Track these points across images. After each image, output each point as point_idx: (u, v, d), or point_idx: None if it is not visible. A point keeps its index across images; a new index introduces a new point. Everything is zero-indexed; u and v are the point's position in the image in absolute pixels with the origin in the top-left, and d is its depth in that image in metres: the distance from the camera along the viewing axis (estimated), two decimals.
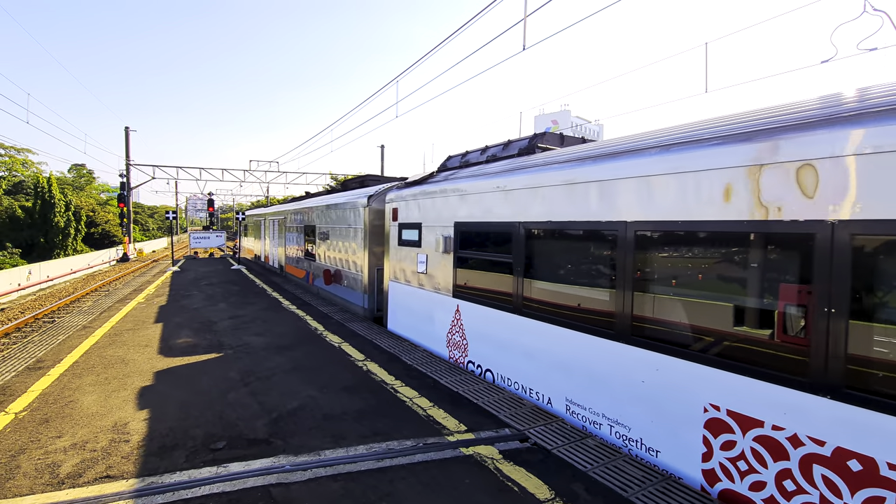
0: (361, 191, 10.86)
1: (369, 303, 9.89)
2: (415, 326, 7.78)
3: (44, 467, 3.76)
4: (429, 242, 7.26)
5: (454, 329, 6.64)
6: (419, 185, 7.73)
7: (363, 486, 3.55)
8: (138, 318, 9.86)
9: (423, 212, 7.43)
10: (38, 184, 38.86)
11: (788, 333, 3.17)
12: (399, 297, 8.30)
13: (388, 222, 8.68)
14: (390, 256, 8.58)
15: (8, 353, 6.97)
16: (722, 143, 3.57)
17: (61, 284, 24.52)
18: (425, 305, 7.36)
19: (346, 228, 10.85)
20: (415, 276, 7.68)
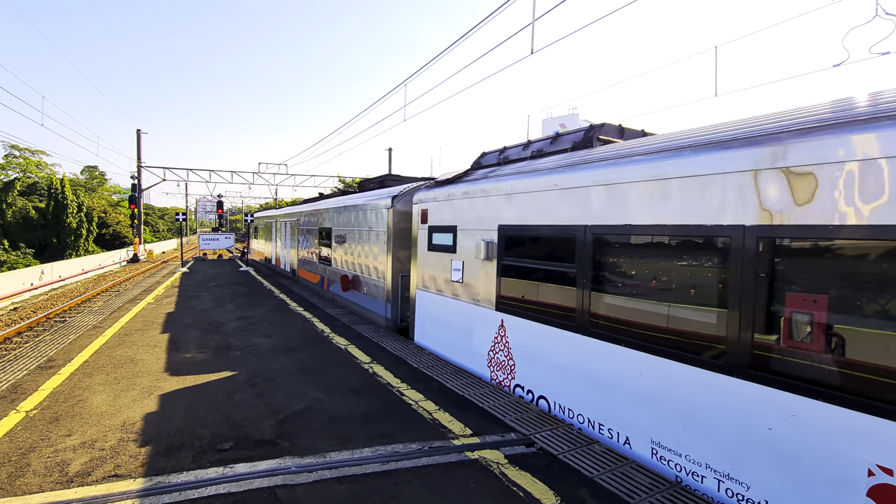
0: (384, 191, 10.10)
1: (392, 312, 9.10)
2: (448, 341, 7.00)
3: (53, 465, 3.80)
4: (466, 248, 6.55)
5: (497, 347, 5.90)
6: (453, 185, 6.99)
7: (368, 488, 3.55)
8: (147, 318, 9.96)
9: (459, 213, 6.71)
10: (51, 185, 39.49)
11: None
12: (429, 308, 7.56)
13: (416, 225, 7.98)
14: (418, 262, 7.89)
15: (20, 352, 7.07)
16: None
17: (73, 284, 24.85)
18: (461, 318, 6.63)
19: (367, 231, 10.07)
20: (448, 284, 6.95)
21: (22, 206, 38.01)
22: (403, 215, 8.93)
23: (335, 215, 12.54)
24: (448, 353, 7.04)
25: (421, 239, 7.80)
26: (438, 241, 7.25)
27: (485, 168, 7.03)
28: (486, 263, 6.12)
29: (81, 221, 39.87)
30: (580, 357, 4.74)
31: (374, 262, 9.68)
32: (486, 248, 6.03)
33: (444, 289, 7.10)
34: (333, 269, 12.56)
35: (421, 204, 7.85)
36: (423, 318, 7.76)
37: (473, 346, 6.40)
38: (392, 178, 11.73)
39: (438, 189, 7.36)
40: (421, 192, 7.93)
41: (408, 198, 8.90)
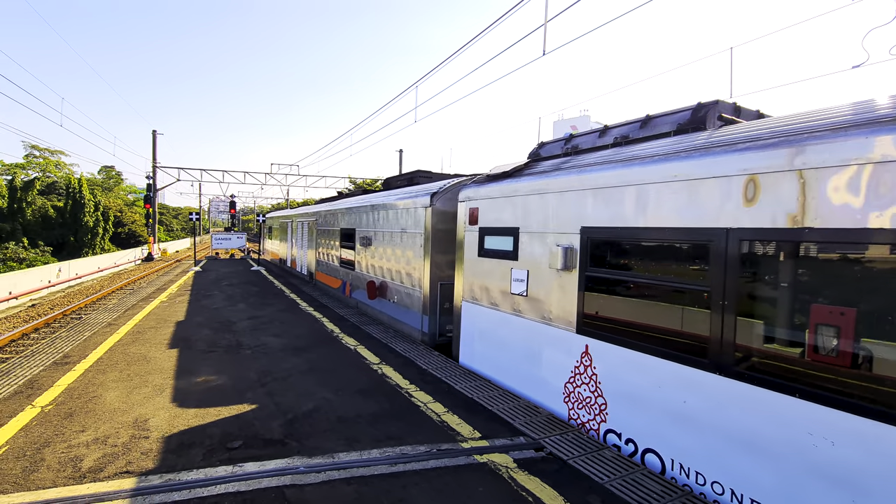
0: (419, 188, 9.11)
1: (430, 326, 7.99)
2: (505, 365, 5.95)
3: (67, 461, 3.86)
4: (532, 254, 5.53)
5: (579, 379, 4.83)
6: (513, 179, 6.01)
7: (376, 490, 3.53)
8: (161, 316, 10.09)
9: (523, 213, 5.70)
10: (69, 184, 40.29)
11: None
12: (479, 324, 6.51)
13: (462, 227, 6.97)
14: (465, 270, 6.84)
15: (37, 348, 7.21)
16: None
17: (89, 282, 25.31)
18: (525, 339, 5.60)
19: (399, 233, 9.04)
20: (507, 298, 5.93)
21: (41, 205, 38.83)
22: (444, 215, 7.92)
23: (360, 215, 11.49)
24: (505, 380, 5.96)
25: (469, 243, 6.78)
26: (493, 245, 6.26)
27: (549, 160, 6.09)
28: (563, 274, 5.04)
29: (98, 220, 40.59)
30: (716, 404, 3.58)
31: (408, 267, 8.65)
32: (563, 255, 4.95)
33: (500, 302, 6.07)
34: (357, 274, 11.53)
35: (469, 202, 6.82)
36: (472, 335, 6.70)
37: (543, 375, 5.33)
38: (422, 175, 10.64)
39: (493, 185, 6.33)
40: (468, 189, 6.89)
41: (448, 195, 7.93)
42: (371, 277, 10.51)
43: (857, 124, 2.97)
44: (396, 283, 9.19)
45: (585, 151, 5.70)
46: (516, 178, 5.98)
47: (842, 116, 3.18)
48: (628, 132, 5.44)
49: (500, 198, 6.18)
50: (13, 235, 33.50)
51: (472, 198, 6.80)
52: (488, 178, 6.61)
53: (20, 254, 30.22)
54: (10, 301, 17.98)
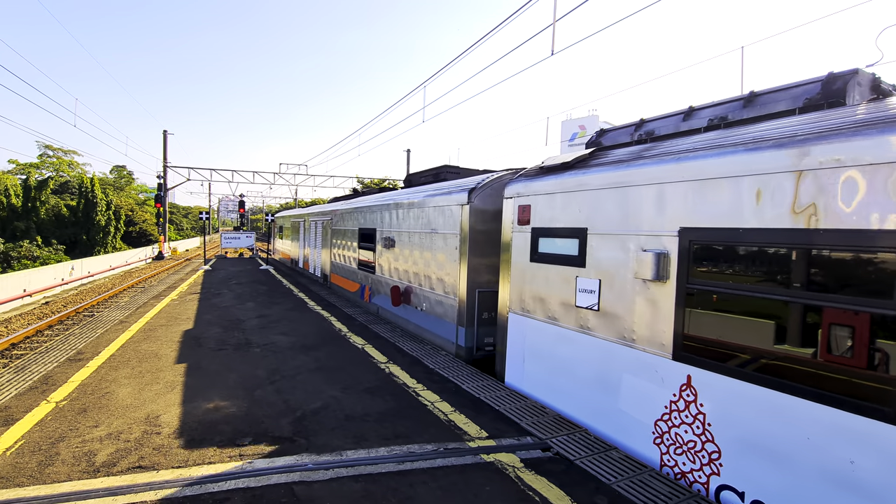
0: (450, 184, 8.31)
1: (467, 339, 7.12)
2: (567, 391, 5.09)
3: (81, 455, 3.93)
4: (606, 259, 4.66)
5: (677, 417, 3.90)
6: (575, 171, 5.16)
7: (384, 488, 3.56)
8: (171, 314, 10.22)
9: (592, 211, 4.84)
10: (82, 184, 40.88)
11: None
12: (531, 340, 5.66)
13: (509, 227, 6.12)
14: (513, 276, 6.00)
15: (51, 345, 7.34)
16: None
17: (101, 280, 25.67)
18: (596, 362, 4.73)
19: (429, 234, 8.24)
20: (569, 311, 5.07)
21: (55, 204, 39.44)
22: (483, 214, 7.10)
23: (381, 214, 10.66)
24: (568, 409, 5.08)
25: (518, 245, 5.93)
26: (550, 248, 5.42)
27: (620, 148, 5.27)
28: (653, 286, 4.14)
29: (110, 219, 41.14)
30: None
31: (440, 272, 7.84)
32: (654, 262, 4.06)
33: (560, 316, 5.21)
34: (378, 278, 10.68)
35: (518, 199, 5.96)
36: (521, 352, 5.83)
37: (621, 408, 4.43)
38: (450, 171, 9.79)
39: (550, 178, 5.47)
40: (517, 184, 6.02)
41: (489, 192, 7.13)
42: (395, 282, 9.67)
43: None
44: (425, 289, 8.37)
45: (668, 137, 4.89)
46: (581, 169, 5.10)
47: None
48: (725, 113, 4.59)
49: (559, 193, 5.33)
50: (27, 234, 34.07)
51: (521, 193, 5.91)
52: (542, 170, 5.76)
53: (34, 252, 30.73)
54: (25, 298, 18.29)
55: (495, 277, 6.81)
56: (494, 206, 7.06)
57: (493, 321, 6.94)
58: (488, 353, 7.15)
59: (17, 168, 48.41)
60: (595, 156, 5.33)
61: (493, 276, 7.02)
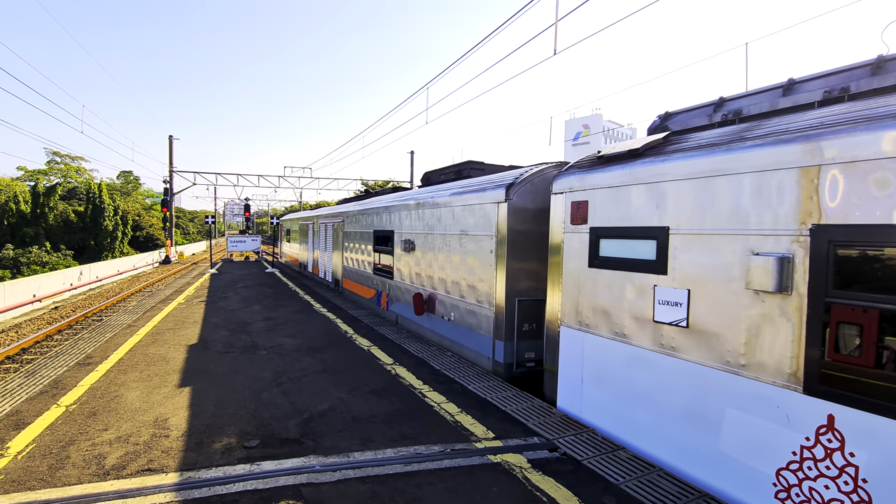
0: (479, 181, 7.49)
1: (505, 354, 6.32)
2: (644, 423, 4.24)
3: (91, 458, 3.96)
4: (697, 265, 3.84)
5: (814, 469, 3.10)
6: (648, 160, 4.35)
7: (391, 489, 3.57)
8: (179, 318, 10.29)
9: (677, 205, 4.02)
10: (89, 190, 41.31)
11: None
12: (592, 359, 4.87)
13: (559, 226, 5.33)
14: (565, 283, 5.24)
15: (61, 349, 7.41)
16: None
17: (109, 285, 25.89)
18: (685, 390, 3.90)
19: (457, 236, 7.50)
20: (645, 326, 4.26)
21: (63, 210, 39.85)
22: (522, 213, 6.32)
23: (400, 215, 9.86)
24: (646, 445, 4.23)
25: (572, 248, 5.15)
26: (616, 251, 4.65)
27: (700, 131, 4.53)
28: (771, 299, 3.33)
29: (117, 224, 41.53)
30: None
31: (471, 278, 7.08)
32: (773, 269, 3.26)
33: (632, 332, 4.40)
34: (398, 285, 9.88)
35: (571, 194, 5.20)
36: (578, 373, 5.06)
37: (725, 450, 3.59)
38: (474, 167, 9.03)
39: (614, 169, 4.69)
40: (570, 177, 5.22)
41: (529, 188, 6.35)
42: (417, 289, 8.91)
43: None
44: (454, 296, 7.60)
45: (766, 116, 4.17)
46: (657, 157, 4.32)
47: None
48: (844, 83, 3.88)
49: (627, 186, 4.52)
50: (36, 240, 34.45)
51: (575, 188, 5.14)
52: (602, 160, 5.00)
53: (43, 257, 31.06)
54: (35, 304, 18.48)
55: (537, 284, 6.23)
56: (535, 203, 6.32)
57: (536, 334, 6.37)
58: (529, 370, 6.40)
59: (26, 175, 48.98)
60: (670, 141, 4.51)
61: (534, 282, 6.32)
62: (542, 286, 6.04)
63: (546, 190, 6.00)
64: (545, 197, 6.05)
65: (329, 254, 16.60)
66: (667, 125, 5.21)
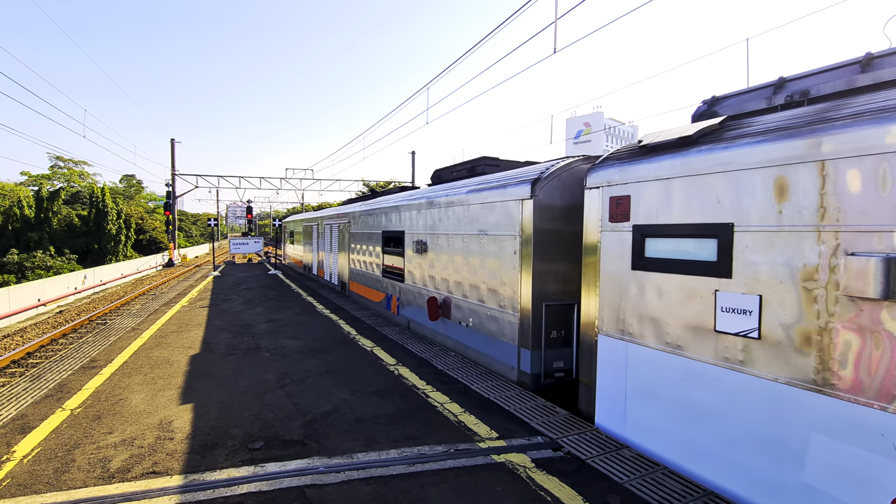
0: (500, 176, 6.97)
1: (532, 364, 5.85)
2: (706, 448, 3.74)
3: (96, 462, 3.98)
4: (771, 266, 3.35)
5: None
6: (705, 148, 3.86)
7: (395, 490, 3.57)
8: (182, 321, 10.32)
9: (741, 199, 3.55)
10: (93, 194, 41.47)
11: None
12: (640, 373, 4.35)
13: (595, 224, 4.87)
14: (602, 287, 4.77)
15: (66, 353, 7.44)
16: None
17: (113, 288, 25.99)
18: (761, 413, 3.39)
19: (476, 236, 7.02)
20: (705, 337, 3.77)
21: (66, 214, 40.04)
22: (549, 211, 5.87)
23: (411, 214, 9.38)
24: (707, 472, 3.74)
25: (611, 248, 4.68)
26: (666, 251, 4.17)
27: (760, 115, 4.05)
28: (873, 308, 2.86)
29: (120, 228, 41.68)
30: None
31: (492, 281, 6.61)
32: (880, 272, 2.84)
33: (688, 343, 3.91)
34: (409, 288, 9.42)
35: (610, 189, 4.73)
36: (621, 387, 4.55)
37: (814, 483, 3.12)
38: (489, 163, 8.59)
39: (662, 160, 4.20)
40: (607, 170, 4.78)
41: (556, 183, 5.89)
42: (431, 292, 8.41)
43: None
44: (472, 301, 7.11)
45: (839, 96, 3.80)
46: (715, 144, 3.84)
47: None
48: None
49: (680, 178, 4.04)
50: (40, 244, 34.62)
51: (614, 182, 4.67)
52: (645, 150, 4.50)
53: (47, 262, 31.21)
54: (39, 308, 18.57)
55: (565, 287, 5.84)
56: (563, 200, 5.89)
57: (564, 341, 5.93)
58: (558, 380, 5.93)
59: (30, 180, 49.28)
60: (728, 126, 4.00)
61: (562, 285, 5.89)
62: (570, 289, 5.78)
63: (575, 185, 5.74)
64: (574, 193, 5.76)
65: (335, 256, 16.26)
66: (716, 110, 4.77)
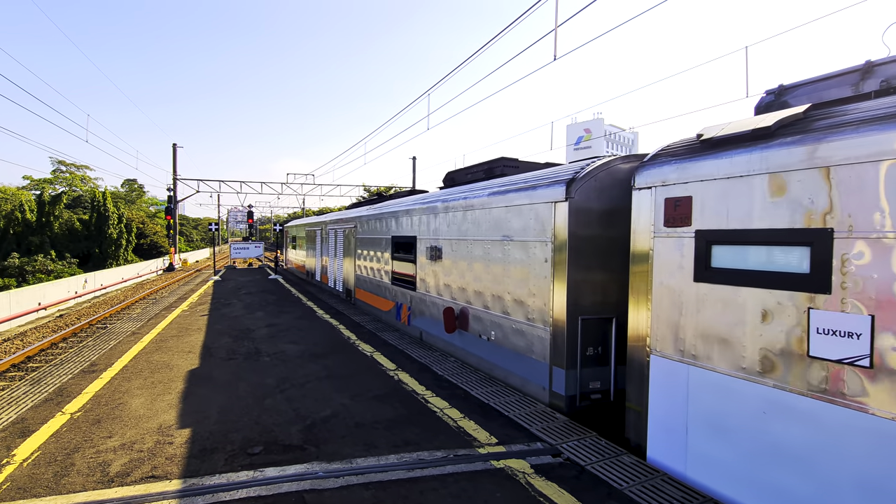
0: (528, 177, 6.45)
1: (567, 385, 5.28)
2: (805, 497, 3.18)
3: (95, 466, 3.98)
4: (884, 282, 2.87)
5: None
6: (784, 141, 3.38)
7: (394, 495, 3.56)
8: (182, 325, 10.32)
9: (847, 198, 3.03)
10: (94, 198, 41.59)
11: None
12: (706, 402, 3.79)
13: (647, 229, 4.36)
14: (656, 301, 4.23)
15: (66, 357, 7.45)
16: None
17: (113, 292, 26.00)
18: (872, 456, 2.88)
19: (499, 242, 6.49)
20: (793, 362, 3.23)
21: (68, 219, 40.12)
22: (586, 214, 5.35)
23: (426, 219, 8.83)
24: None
25: (667, 256, 4.16)
26: (739, 261, 3.63)
27: (852, 103, 3.66)
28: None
29: (121, 232, 41.75)
30: None
31: (518, 291, 6.07)
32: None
33: (771, 368, 3.36)
34: (422, 297, 8.91)
35: (665, 188, 4.20)
36: (681, 416, 3.99)
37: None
38: (508, 164, 8.21)
39: (735, 155, 3.68)
40: (662, 167, 4.25)
41: (592, 184, 5.36)
42: (447, 302, 7.90)
43: None
44: (494, 313, 6.58)
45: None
46: (804, 136, 3.30)
47: None
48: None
49: (757, 175, 3.51)
50: (42, 248, 34.67)
51: (671, 181, 4.15)
52: (707, 143, 3.97)
53: (48, 266, 31.24)
54: (40, 312, 18.57)
55: (603, 299, 5.34)
56: (600, 202, 5.37)
57: (601, 359, 5.38)
58: (593, 402, 5.38)
59: (32, 184, 49.44)
60: (815, 116, 3.50)
61: (599, 296, 5.36)
62: (608, 302, 5.31)
63: (614, 186, 5.32)
64: (612, 195, 5.33)
65: (340, 262, 15.68)
66: (786, 101, 4.33)
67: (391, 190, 44.35)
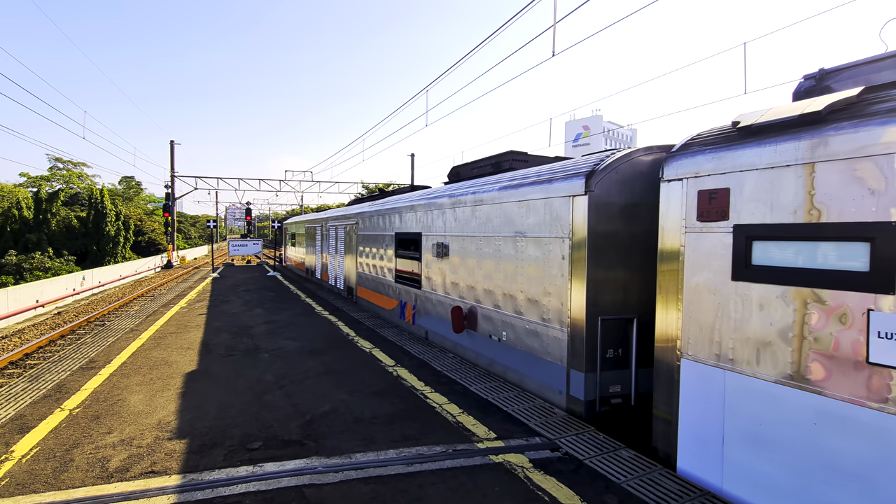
0: (541, 170, 6.13)
1: (587, 389, 5.03)
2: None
3: (94, 461, 3.99)
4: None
5: None
6: (839, 127, 3.07)
7: (393, 489, 3.58)
8: (181, 322, 10.32)
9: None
10: (92, 195, 41.46)
11: None
12: (746, 410, 3.49)
13: (677, 224, 4.04)
14: (688, 301, 3.94)
15: (64, 354, 7.44)
16: None
17: (111, 290, 25.95)
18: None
19: (511, 239, 6.23)
20: (849, 369, 2.96)
21: (65, 216, 40.00)
22: (607, 209, 5.05)
23: (432, 215, 8.54)
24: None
25: (700, 253, 3.85)
26: (785, 258, 3.33)
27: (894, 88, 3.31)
28: None
29: (119, 230, 41.64)
30: None
31: (533, 290, 5.82)
32: None
33: (822, 375, 3.08)
34: (428, 295, 8.66)
35: (698, 180, 3.88)
36: (716, 426, 3.70)
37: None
38: (517, 158, 7.92)
39: (778, 142, 3.37)
40: (695, 157, 3.92)
41: (614, 176, 5.07)
42: (454, 301, 7.63)
43: None
44: (506, 312, 6.32)
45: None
46: (862, 120, 2.97)
47: None
48: None
49: (806, 164, 3.21)
50: (39, 245, 34.58)
51: (705, 171, 3.84)
52: (747, 131, 3.64)
53: (46, 263, 31.17)
54: (38, 309, 18.54)
55: (624, 298, 5.09)
56: (621, 196, 5.09)
57: (622, 362, 5.12)
58: (614, 406, 5.14)
59: (29, 181, 49.23)
60: (871, 100, 3.17)
61: (620, 296, 5.10)
62: (629, 301, 5.09)
63: (636, 179, 5.06)
64: (634, 188, 5.08)
65: (341, 259, 15.37)
66: (828, 85, 4.00)
67: (390, 186, 44.30)
